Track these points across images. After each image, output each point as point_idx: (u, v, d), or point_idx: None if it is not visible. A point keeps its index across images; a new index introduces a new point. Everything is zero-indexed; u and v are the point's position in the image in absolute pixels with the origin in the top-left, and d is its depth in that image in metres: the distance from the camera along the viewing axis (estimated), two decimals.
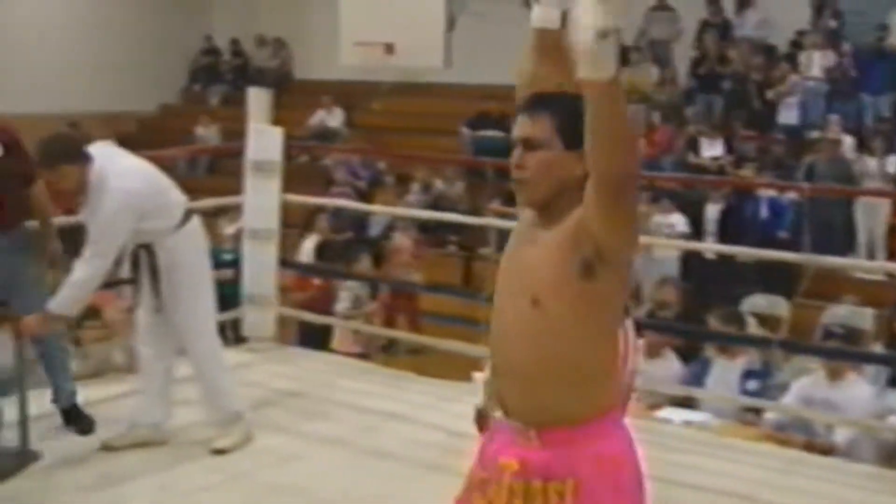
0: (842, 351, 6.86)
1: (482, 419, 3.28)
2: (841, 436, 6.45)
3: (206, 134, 18.18)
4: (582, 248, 2.62)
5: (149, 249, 5.41)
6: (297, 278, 9.28)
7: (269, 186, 7.26)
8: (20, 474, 5.31)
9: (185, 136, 17.54)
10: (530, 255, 2.76)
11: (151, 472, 5.39)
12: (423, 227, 15.11)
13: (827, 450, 6.30)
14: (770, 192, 12.81)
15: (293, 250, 9.85)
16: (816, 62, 14.70)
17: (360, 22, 15.12)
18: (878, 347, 7.93)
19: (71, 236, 5.71)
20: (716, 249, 11.77)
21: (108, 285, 6.21)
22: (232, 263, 7.92)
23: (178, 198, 5.56)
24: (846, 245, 12.29)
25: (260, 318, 7.29)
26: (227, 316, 7.24)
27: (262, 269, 7.31)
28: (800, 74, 14.76)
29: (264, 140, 7.32)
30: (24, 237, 5.64)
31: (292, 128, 7.34)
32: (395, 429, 6.05)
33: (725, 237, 12.39)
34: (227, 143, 16.44)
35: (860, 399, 6.46)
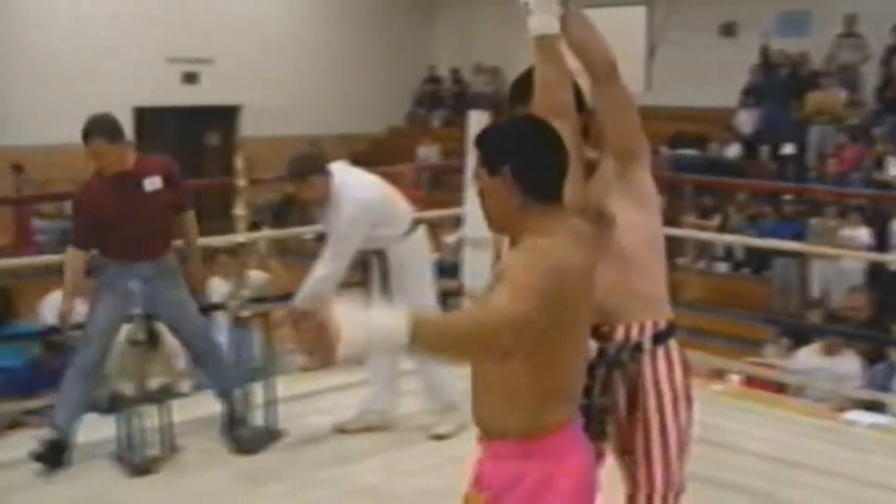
0: None
1: None
2: None
3: (428, 153, 18.46)
4: None
5: (380, 254, 5.55)
6: None
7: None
8: (267, 449, 5.49)
9: (409, 154, 17.83)
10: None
11: (378, 454, 5.53)
12: None
13: None
14: None
15: None
16: None
17: (568, 51, 15.23)
18: None
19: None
20: None
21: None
22: (452, 269, 7.97)
23: (405, 208, 5.68)
24: None
25: None
26: None
27: (480, 274, 7.32)
28: None
29: None
30: (168, 265, 5.55)
31: None
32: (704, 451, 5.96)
33: None
34: (447, 161, 16.62)
35: None
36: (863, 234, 11.93)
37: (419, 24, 21.56)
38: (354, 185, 5.47)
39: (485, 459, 2.69)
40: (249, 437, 5.56)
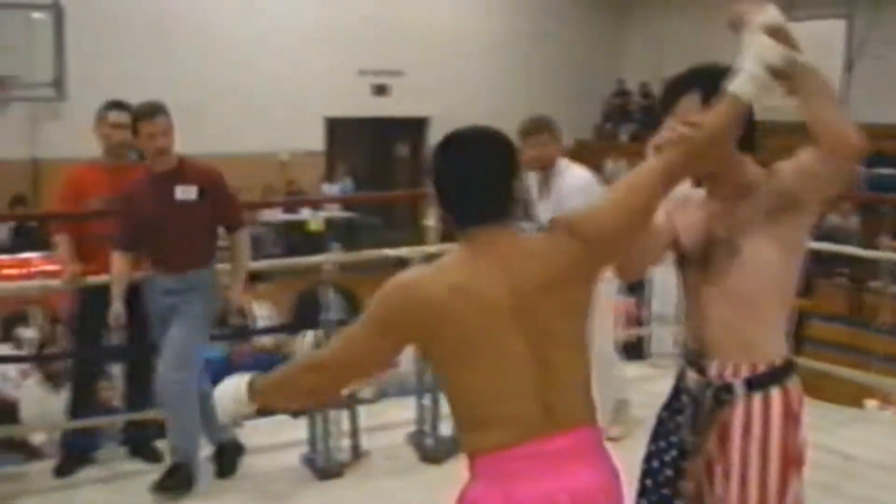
0: None
1: None
2: None
3: (615, 167, 18.32)
4: None
5: None
6: None
7: None
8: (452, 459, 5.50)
9: (596, 168, 17.72)
10: None
11: None
12: (816, 258, 14.52)
13: None
14: None
15: None
16: None
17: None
18: None
19: None
20: None
21: None
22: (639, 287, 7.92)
23: None
24: None
25: (664, 336, 7.23)
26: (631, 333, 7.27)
27: (668, 291, 7.23)
28: None
29: None
30: (198, 281, 5.13)
31: None
32: None
33: None
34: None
35: None
36: None
37: (609, 37, 21.47)
38: (574, 166, 5.65)
39: None
40: (435, 447, 5.61)
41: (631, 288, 7.77)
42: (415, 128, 19.75)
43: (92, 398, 5.70)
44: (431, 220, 5.85)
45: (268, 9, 17.69)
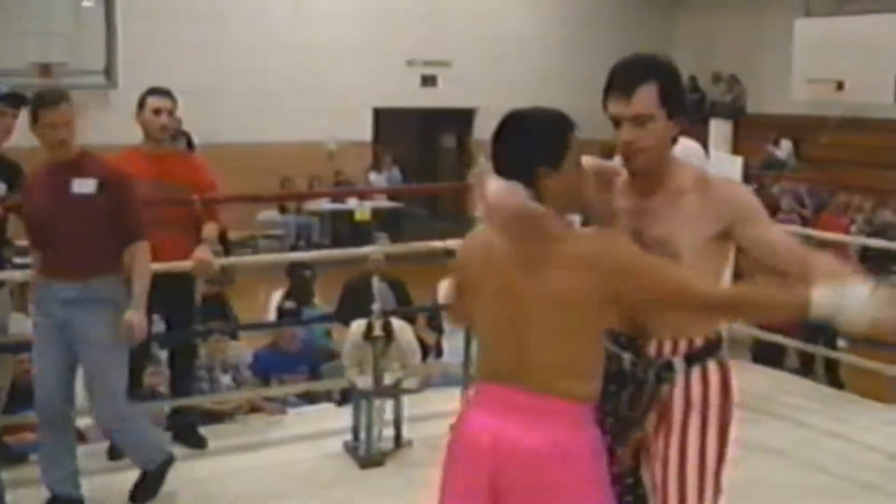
0: None
1: None
2: None
3: None
4: None
5: None
6: None
7: None
8: None
9: None
10: None
11: None
12: (864, 255, 14.42)
13: None
14: None
15: None
16: None
17: (812, 60, 14.81)
18: None
19: None
20: None
21: None
22: None
23: None
24: None
25: None
26: None
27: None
28: None
29: (726, 166, 7.21)
30: (97, 292, 4.60)
31: (745, 157, 7.24)
32: (834, 445, 5.78)
33: None
34: None
35: None
36: None
37: (658, 31, 21.30)
38: None
39: None
40: None
41: None
42: (461, 119, 19.75)
43: (134, 383, 5.71)
44: (479, 212, 5.85)
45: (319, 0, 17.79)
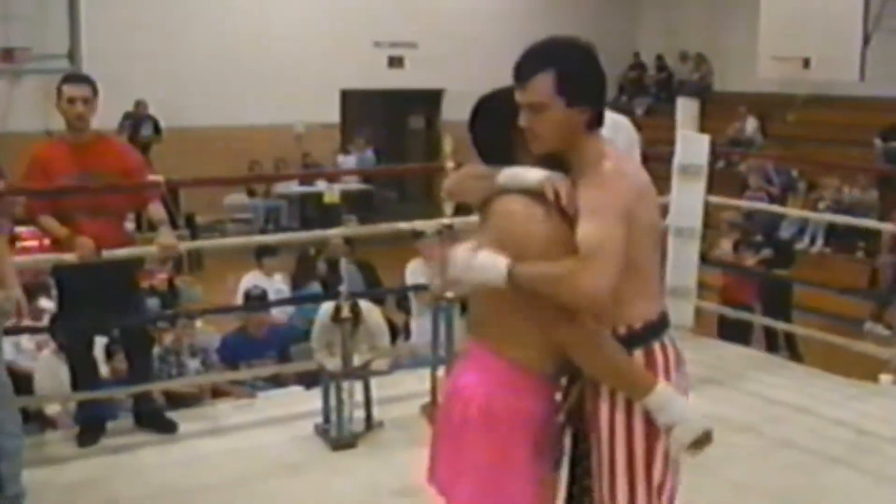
0: None
1: None
2: None
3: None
4: None
5: None
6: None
7: (695, 188, 7.15)
8: None
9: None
10: None
11: None
12: (832, 231, 14.57)
13: None
14: None
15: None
16: None
17: (778, 38, 14.84)
18: None
19: None
20: None
21: None
22: None
23: None
24: None
25: (681, 309, 7.19)
26: None
27: (685, 264, 7.20)
28: None
29: (692, 145, 7.23)
30: None
31: (711, 136, 7.26)
32: (803, 421, 5.81)
33: None
34: (649, 149, 16.41)
35: None
36: None
37: (624, 10, 21.33)
38: None
39: None
40: None
41: None
42: (429, 100, 19.73)
43: (90, 369, 5.64)
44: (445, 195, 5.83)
45: None
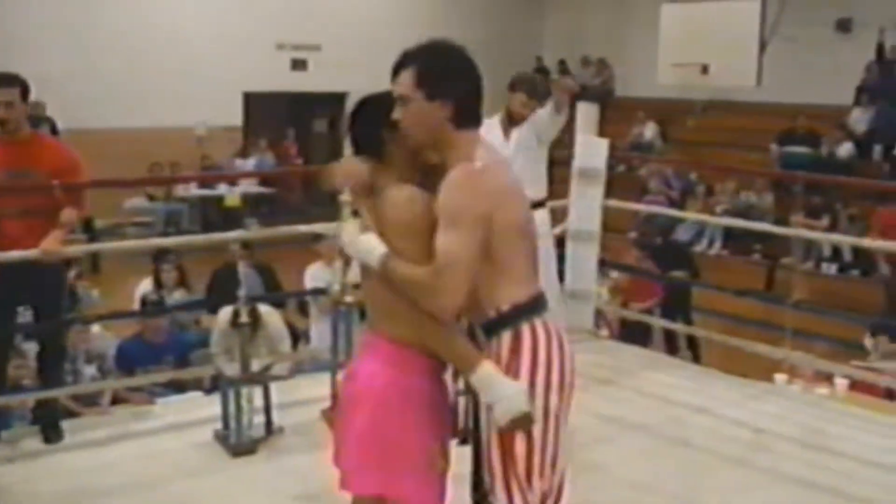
0: None
1: None
2: None
3: None
4: None
5: None
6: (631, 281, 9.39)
7: (593, 192, 7.22)
8: None
9: None
10: None
11: None
12: (730, 235, 14.84)
13: None
14: None
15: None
16: None
17: (677, 45, 15.02)
18: None
19: None
20: None
21: None
22: None
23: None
24: None
25: (579, 312, 7.26)
26: None
27: (584, 267, 7.26)
28: None
29: (591, 150, 7.29)
30: None
31: (612, 140, 7.33)
32: (700, 421, 5.90)
33: None
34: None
35: None
36: None
37: (528, 14, 21.49)
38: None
39: None
40: None
41: None
42: (333, 103, 19.61)
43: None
44: (347, 196, 5.79)
45: None
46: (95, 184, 5.71)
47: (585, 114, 7.41)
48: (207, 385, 7.35)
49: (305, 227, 6.32)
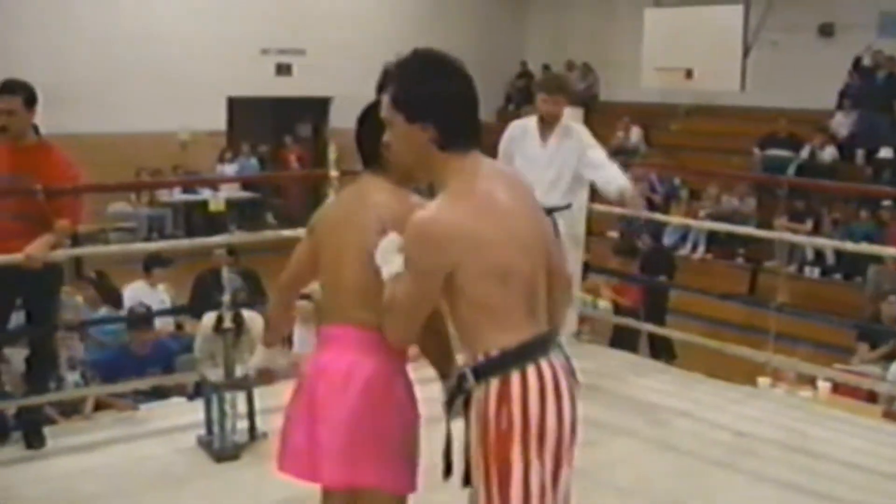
0: None
1: None
2: None
3: None
4: None
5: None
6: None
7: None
8: None
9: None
10: None
11: None
12: (713, 238, 14.88)
13: None
14: None
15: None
16: None
17: (661, 49, 15.09)
18: None
19: None
20: None
21: None
22: None
23: None
24: None
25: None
26: None
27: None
28: None
29: None
30: None
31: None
32: (684, 425, 5.91)
33: None
34: None
35: None
36: None
37: (512, 20, 21.53)
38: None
39: None
40: None
41: None
42: (317, 107, 19.62)
43: None
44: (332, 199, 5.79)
45: None
46: (79, 189, 5.67)
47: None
48: (190, 391, 7.32)
49: (290, 232, 6.30)
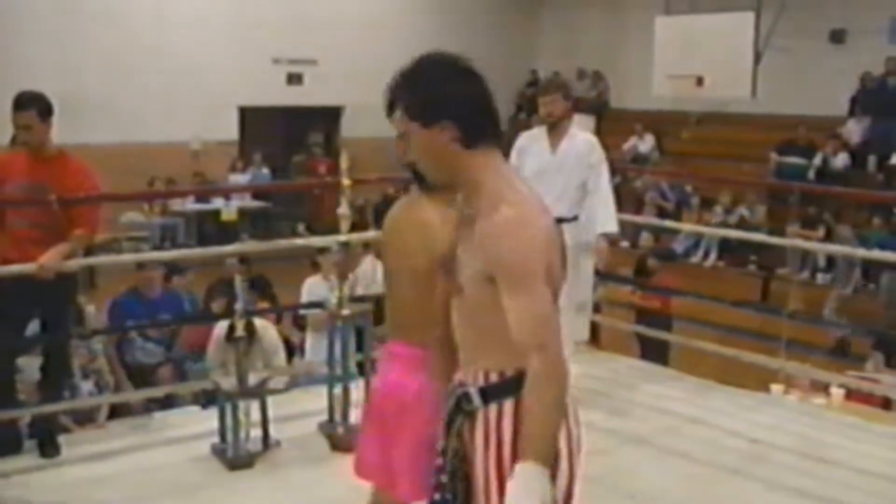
0: None
1: None
2: None
3: None
4: None
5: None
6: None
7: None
8: None
9: (509, 158, 17.79)
10: None
11: None
12: (726, 246, 14.87)
13: None
14: None
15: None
16: None
17: (672, 57, 15.08)
18: None
19: None
20: None
21: None
22: None
23: None
24: None
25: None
26: None
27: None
28: None
29: None
30: None
31: (607, 152, 7.33)
32: (697, 432, 5.91)
33: None
34: None
35: None
36: None
37: (522, 27, 21.55)
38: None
39: None
40: (346, 436, 5.58)
41: None
42: (328, 117, 19.66)
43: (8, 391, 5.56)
44: (345, 209, 5.80)
45: None
46: (93, 198, 5.69)
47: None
48: (202, 399, 7.34)
49: (302, 241, 6.32)
